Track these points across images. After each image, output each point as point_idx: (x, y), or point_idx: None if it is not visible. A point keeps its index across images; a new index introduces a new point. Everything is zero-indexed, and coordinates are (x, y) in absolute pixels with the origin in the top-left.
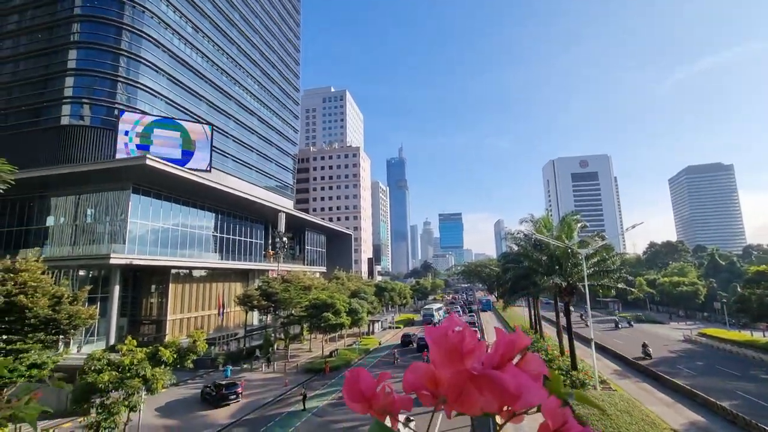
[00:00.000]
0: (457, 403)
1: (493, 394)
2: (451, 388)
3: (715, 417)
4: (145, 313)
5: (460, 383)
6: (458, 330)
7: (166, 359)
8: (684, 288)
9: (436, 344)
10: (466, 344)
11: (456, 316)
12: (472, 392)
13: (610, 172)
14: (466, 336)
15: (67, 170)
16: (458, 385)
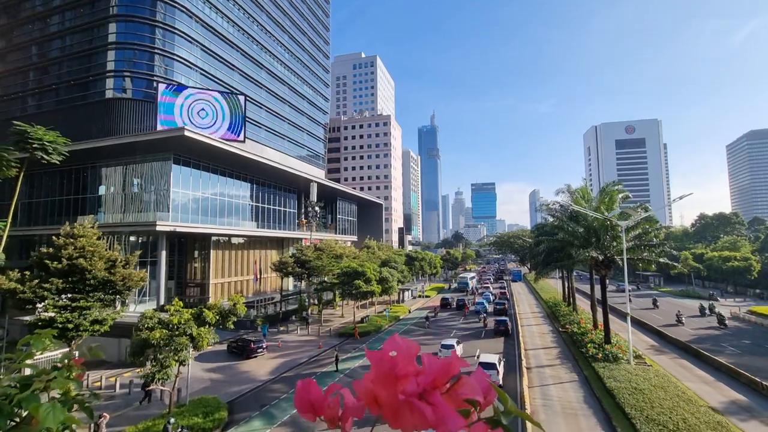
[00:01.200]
0: (392, 420)
1: (416, 418)
2: (387, 408)
3: (759, 397)
4: (190, 276)
5: (394, 404)
6: (393, 354)
7: (209, 320)
8: (735, 263)
9: (374, 367)
10: (399, 369)
11: (398, 338)
12: (404, 413)
13: (659, 138)
14: (400, 361)
15: (113, 142)
16: (392, 405)
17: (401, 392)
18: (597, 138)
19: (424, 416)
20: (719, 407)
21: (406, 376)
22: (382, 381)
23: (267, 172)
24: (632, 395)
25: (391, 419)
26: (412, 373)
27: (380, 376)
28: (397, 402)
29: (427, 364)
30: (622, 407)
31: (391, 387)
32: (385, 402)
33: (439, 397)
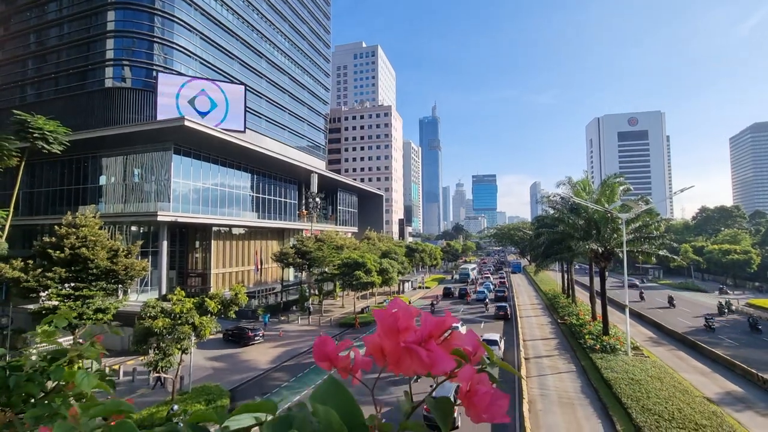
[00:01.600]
0: (395, 366)
1: (415, 362)
2: (391, 355)
3: (754, 388)
4: (191, 266)
5: (397, 352)
6: (395, 311)
7: (211, 309)
8: (735, 256)
9: (380, 322)
10: (401, 323)
11: (399, 300)
12: (405, 359)
13: (662, 130)
14: (401, 317)
15: (113, 132)
16: (395, 353)
17: (403, 341)
18: (599, 130)
19: (422, 359)
20: (714, 398)
21: (407, 329)
22: (387, 334)
23: (267, 162)
24: (629, 386)
25: (394, 365)
26: (412, 327)
27: (385, 330)
28: (399, 350)
29: (425, 319)
30: (619, 397)
31: (394, 338)
32: (389, 351)
33: (434, 344)
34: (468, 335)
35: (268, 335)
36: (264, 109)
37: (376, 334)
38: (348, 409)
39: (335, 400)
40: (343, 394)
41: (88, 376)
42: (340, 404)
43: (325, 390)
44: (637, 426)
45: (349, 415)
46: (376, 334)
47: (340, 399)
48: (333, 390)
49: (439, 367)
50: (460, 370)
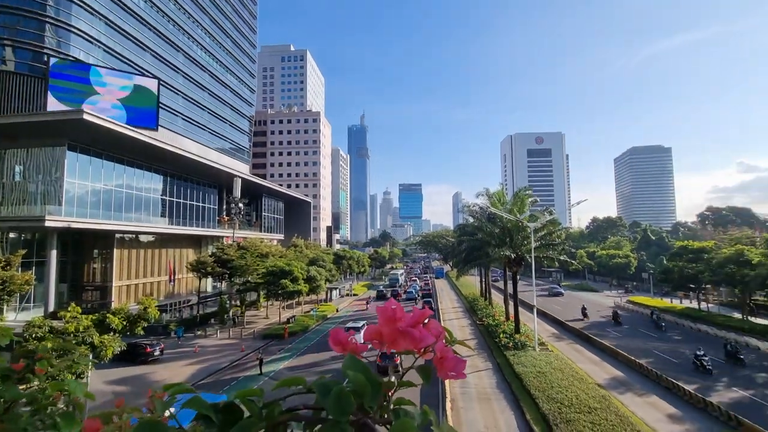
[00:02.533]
0: (393, 345)
1: (408, 341)
2: (389, 337)
3: (633, 372)
4: (87, 278)
5: (394, 335)
6: (394, 307)
7: (115, 326)
8: (618, 260)
9: (382, 314)
10: (397, 315)
11: (393, 301)
12: (400, 339)
13: (562, 149)
14: (398, 310)
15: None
16: (393, 336)
17: (400, 326)
18: (512, 146)
19: (414, 338)
20: (603, 383)
21: (403, 318)
22: (387, 322)
23: (184, 164)
24: (536, 378)
25: (392, 344)
26: (405, 317)
27: (386, 319)
28: (396, 333)
29: (414, 311)
30: (528, 389)
31: (392, 325)
32: (387, 334)
33: (421, 328)
34: (435, 323)
35: (182, 352)
36: (181, 107)
37: (378, 325)
38: (366, 372)
39: (357, 368)
40: (361, 364)
41: (79, 384)
42: (361, 369)
43: (349, 362)
44: (543, 414)
45: (368, 376)
46: (379, 325)
47: (360, 366)
48: (354, 362)
49: (426, 342)
50: (437, 344)
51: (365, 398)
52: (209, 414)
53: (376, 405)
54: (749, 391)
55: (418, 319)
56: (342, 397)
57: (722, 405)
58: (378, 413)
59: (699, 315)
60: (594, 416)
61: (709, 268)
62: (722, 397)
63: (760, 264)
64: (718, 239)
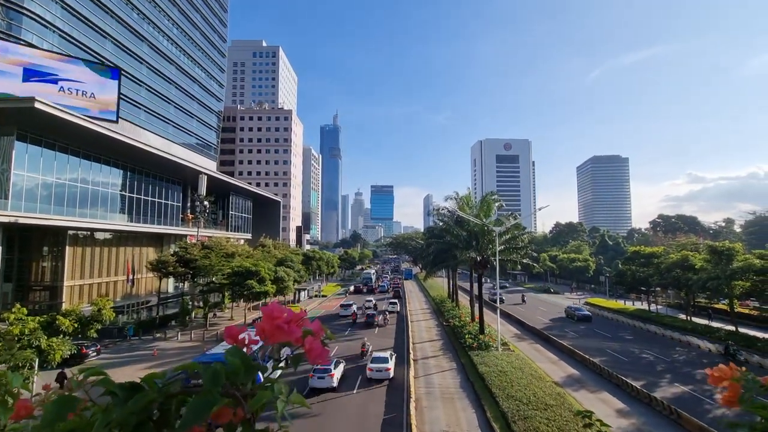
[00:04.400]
0: (271, 339)
1: (282, 334)
2: (269, 332)
3: (587, 370)
4: (36, 278)
5: (273, 330)
6: (277, 308)
7: (65, 328)
8: (578, 263)
9: (265, 314)
10: (276, 313)
11: (276, 304)
12: (276, 333)
13: (529, 156)
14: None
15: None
16: (272, 330)
17: (277, 323)
18: (482, 151)
19: (285, 332)
20: (560, 381)
21: (281, 317)
22: (268, 320)
23: (146, 158)
24: (498, 377)
25: (271, 337)
26: (284, 316)
27: (267, 317)
28: (274, 328)
29: (291, 313)
30: (490, 388)
31: (272, 322)
32: (268, 329)
33: (294, 325)
34: (317, 323)
35: (140, 355)
36: (144, 99)
37: (262, 321)
38: (243, 358)
39: (236, 355)
40: (241, 352)
41: (17, 376)
42: (239, 356)
43: (231, 351)
44: (503, 411)
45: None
46: (262, 322)
47: (239, 354)
48: (235, 351)
49: (292, 335)
50: (306, 339)
51: (238, 377)
52: (115, 390)
53: (248, 383)
54: (688, 386)
55: (293, 318)
56: (216, 373)
57: (665, 400)
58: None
59: (648, 316)
60: (550, 413)
61: (659, 271)
62: (665, 393)
63: (701, 269)
64: (666, 245)
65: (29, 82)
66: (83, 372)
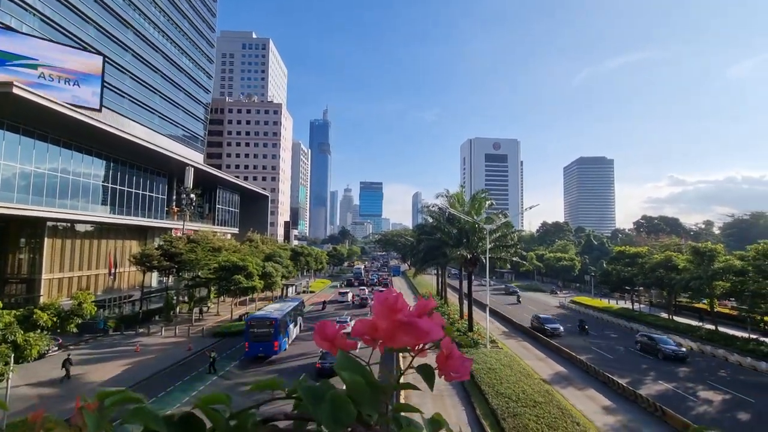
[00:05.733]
0: (390, 342)
1: (411, 335)
2: (386, 332)
3: (574, 368)
4: (11, 270)
5: (393, 328)
6: (395, 295)
7: (43, 323)
8: (564, 262)
9: (380, 303)
10: (398, 304)
11: (393, 288)
12: (399, 334)
13: (517, 155)
14: (399, 299)
15: None
16: (391, 330)
17: (403, 316)
18: (471, 150)
19: (419, 331)
20: (548, 378)
21: (403, 308)
22: (386, 313)
23: (129, 149)
24: (487, 374)
25: (390, 339)
26: (407, 306)
27: (384, 309)
28: (396, 325)
29: (418, 303)
30: (479, 386)
31: (392, 316)
32: (384, 327)
33: (428, 319)
34: (437, 315)
35: (121, 351)
36: (128, 88)
37: (374, 315)
38: (363, 373)
39: (354, 368)
40: (358, 364)
41: None
42: (359, 370)
43: (344, 361)
44: (492, 409)
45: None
46: (374, 317)
47: (357, 367)
48: (349, 361)
49: (432, 336)
50: (444, 342)
51: (363, 405)
52: (160, 429)
53: (376, 413)
54: (672, 383)
55: (423, 310)
56: (339, 405)
57: (650, 397)
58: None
59: (632, 315)
60: (538, 410)
61: (642, 271)
62: (650, 390)
63: (684, 269)
64: (650, 246)
65: (5, 65)
66: (105, 397)
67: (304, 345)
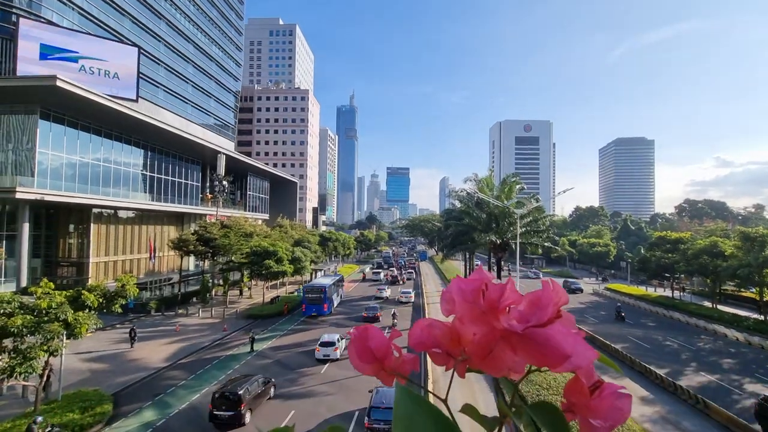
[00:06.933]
0: (483, 362)
1: (530, 354)
2: (479, 346)
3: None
4: (63, 254)
5: (491, 342)
6: (497, 283)
7: (90, 303)
8: (598, 248)
9: (466, 299)
10: (505, 300)
11: (483, 269)
12: (503, 351)
13: (550, 137)
14: (507, 290)
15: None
16: (488, 343)
17: (513, 321)
18: (500, 133)
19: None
20: None
21: (509, 304)
22: (480, 314)
23: (165, 138)
24: None
25: (483, 361)
26: (518, 301)
27: (477, 309)
28: (495, 339)
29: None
30: None
31: (488, 319)
32: (479, 340)
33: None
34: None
35: (163, 330)
36: (162, 78)
37: (457, 314)
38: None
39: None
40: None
41: None
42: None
43: (404, 400)
44: (522, 395)
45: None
46: (458, 314)
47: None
48: (411, 399)
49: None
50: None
51: None
52: None
53: None
54: (715, 375)
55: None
56: None
57: (690, 389)
58: None
59: (672, 303)
60: None
61: (685, 258)
62: (691, 381)
63: (732, 255)
64: (694, 231)
65: (49, 60)
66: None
67: (344, 309)
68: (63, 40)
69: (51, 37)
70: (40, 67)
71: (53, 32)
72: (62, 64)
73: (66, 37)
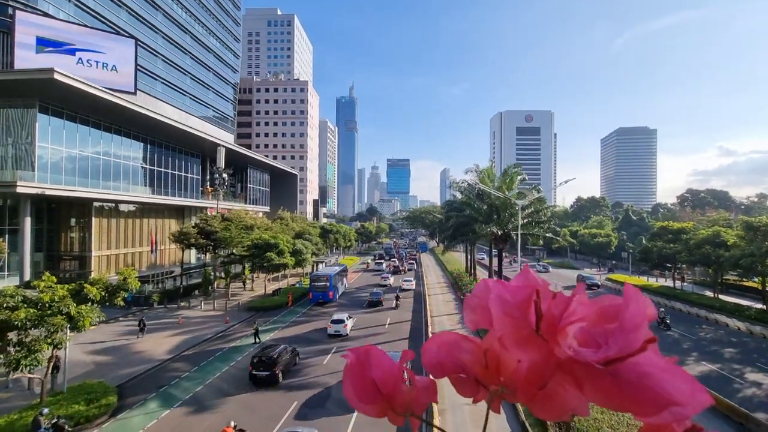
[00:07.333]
0: (532, 400)
1: (607, 395)
2: (526, 379)
3: None
4: (65, 248)
5: (545, 374)
6: (555, 291)
7: (93, 296)
8: (600, 239)
9: (509, 313)
10: (570, 316)
11: (531, 271)
12: (563, 388)
13: (551, 128)
14: (574, 303)
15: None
16: (541, 376)
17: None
18: (501, 123)
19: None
20: None
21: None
22: (527, 334)
23: (165, 131)
24: None
25: (528, 396)
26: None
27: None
28: (548, 367)
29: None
30: None
31: (540, 345)
32: (521, 369)
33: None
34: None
35: (166, 323)
36: (160, 70)
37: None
38: None
39: None
40: None
41: None
42: None
43: None
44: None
45: None
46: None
47: None
48: None
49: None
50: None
51: None
52: None
53: None
54: (716, 365)
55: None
56: None
57: None
58: None
59: (674, 293)
60: None
61: (687, 248)
62: (692, 371)
63: (735, 245)
64: (696, 221)
65: (46, 53)
66: None
67: (347, 299)
68: (60, 32)
69: (48, 30)
70: (38, 60)
71: (50, 24)
72: (60, 56)
73: (63, 29)
